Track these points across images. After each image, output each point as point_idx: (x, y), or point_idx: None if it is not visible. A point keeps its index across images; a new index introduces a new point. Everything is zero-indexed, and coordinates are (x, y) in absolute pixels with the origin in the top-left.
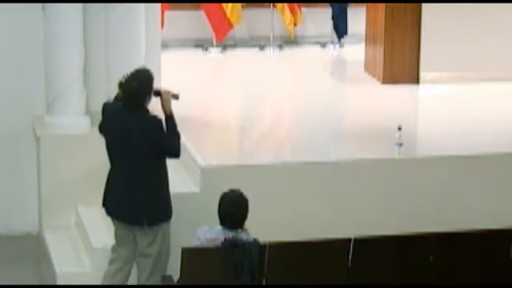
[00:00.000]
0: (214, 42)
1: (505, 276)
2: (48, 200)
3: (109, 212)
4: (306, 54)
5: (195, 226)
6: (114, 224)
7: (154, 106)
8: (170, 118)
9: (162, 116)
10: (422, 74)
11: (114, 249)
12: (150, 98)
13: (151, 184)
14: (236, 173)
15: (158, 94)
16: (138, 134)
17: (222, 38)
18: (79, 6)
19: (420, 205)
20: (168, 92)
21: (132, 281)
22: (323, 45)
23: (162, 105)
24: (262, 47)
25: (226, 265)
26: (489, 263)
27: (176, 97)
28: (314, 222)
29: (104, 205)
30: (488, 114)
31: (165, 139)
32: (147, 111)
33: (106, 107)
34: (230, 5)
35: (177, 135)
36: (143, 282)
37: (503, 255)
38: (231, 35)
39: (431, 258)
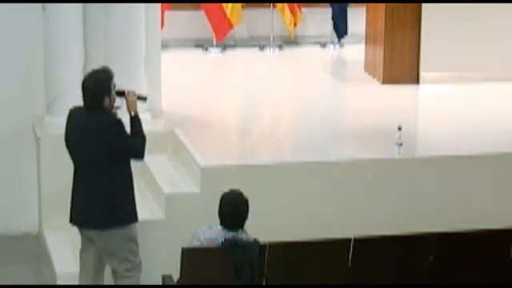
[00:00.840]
0: (214, 42)
1: (505, 276)
2: (48, 200)
3: (70, 218)
4: (306, 54)
5: (195, 225)
6: (81, 233)
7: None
8: (134, 119)
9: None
10: (422, 74)
11: (80, 255)
12: (109, 97)
13: (108, 187)
14: (236, 173)
15: (121, 94)
16: (94, 134)
17: (222, 37)
18: (79, 5)
19: (420, 205)
20: (133, 93)
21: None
22: (323, 45)
23: (127, 105)
24: (261, 47)
25: (226, 265)
26: (489, 263)
27: (143, 98)
28: (314, 221)
29: (70, 216)
30: (488, 114)
31: (125, 140)
32: (109, 112)
33: (69, 112)
34: (229, 5)
35: (141, 137)
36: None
37: (503, 255)
38: (231, 35)
39: (431, 258)
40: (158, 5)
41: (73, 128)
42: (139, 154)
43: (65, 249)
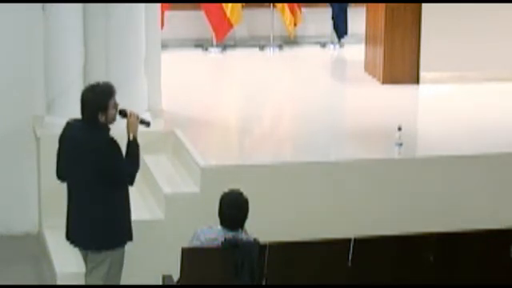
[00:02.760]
0: (214, 42)
1: (505, 276)
2: (48, 200)
3: (67, 236)
4: (306, 53)
5: (195, 225)
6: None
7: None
8: (132, 142)
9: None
10: (422, 74)
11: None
12: (105, 115)
13: (104, 208)
14: (236, 173)
15: (123, 114)
16: (87, 152)
17: (222, 37)
18: (79, 5)
19: (420, 205)
20: (136, 116)
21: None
22: (323, 45)
23: (127, 126)
24: (262, 47)
25: (226, 265)
26: (489, 263)
27: (147, 124)
28: (314, 222)
29: (66, 233)
30: (488, 114)
31: (116, 163)
32: (102, 128)
33: (68, 123)
34: (229, 5)
35: (135, 163)
36: None
37: (503, 255)
38: (231, 35)
39: (431, 258)
40: (158, 5)
41: (68, 140)
42: (128, 180)
43: (65, 249)
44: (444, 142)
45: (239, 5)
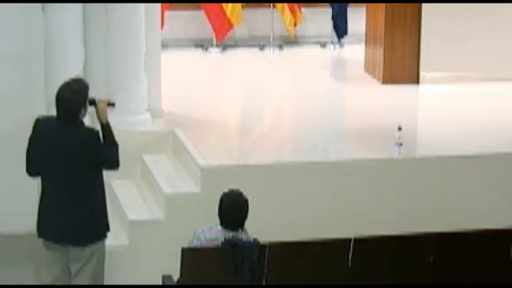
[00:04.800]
0: (214, 42)
1: (505, 276)
2: None
3: (45, 235)
4: (306, 53)
5: (195, 225)
6: (47, 247)
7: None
8: (106, 127)
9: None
10: (422, 74)
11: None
12: (85, 109)
13: (87, 201)
14: (236, 173)
15: (92, 102)
16: (74, 149)
17: (222, 37)
18: (79, 5)
19: (420, 205)
20: (103, 101)
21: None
22: (323, 45)
23: (97, 114)
24: (262, 47)
25: (226, 265)
26: (489, 263)
27: (112, 104)
28: (314, 221)
29: (38, 231)
30: (488, 113)
31: (102, 151)
32: (82, 123)
33: (38, 123)
34: (229, 5)
35: (114, 145)
36: None
37: (503, 255)
38: (231, 35)
39: (431, 258)
40: (158, 5)
41: (46, 144)
42: (115, 164)
43: None
44: (444, 142)
45: (239, 5)
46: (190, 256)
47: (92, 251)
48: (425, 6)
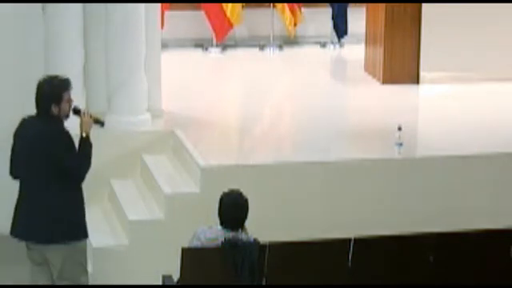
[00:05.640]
0: (214, 42)
1: (505, 276)
2: None
3: (15, 233)
4: (306, 53)
5: (195, 225)
6: (27, 247)
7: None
8: (84, 140)
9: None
10: (422, 74)
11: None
12: (58, 107)
13: (59, 200)
14: (236, 173)
15: (76, 112)
16: (39, 144)
17: (222, 37)
18: (79, 5)
19: (420, 205)
20: (89, 115)
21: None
22: (323, 45)
23: (80, 125)
24: (262, 47)
25: (226, 265)
26: (489, 263)
27: (101, 123)
28: (314, 221)
29: (12, 229)
30: (488, 113)
31: (67, 156)
32: (55, 122)
33: (22, 121)
34: (229, 5)
35: (86, 160)
36: None
37: (503, 255)
38: (231, 35)
39: (431, 257)
40: (158, 5)
41: (20, 136)
42: (78, 175)
43: None
44: (444, 142)
45: (239, 5)
46: (190, 256)
47: (64, 251)
48: (425, 6)
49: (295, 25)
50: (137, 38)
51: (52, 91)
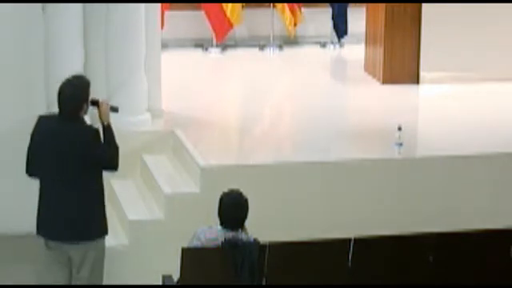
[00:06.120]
0: (214, 42)
1: (505, 276)
2: None
3: (41, 232)
4: (306, 53)
5: (195, 225)
6: (48, 246)
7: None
8: (107, 129)
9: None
10: (422, 74)
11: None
12: (86, 106)
13: (86, 199)
14: (236, 173)
15: (95, 103)
16: (73, 145)
17: (222, 37)
18: (79, 5)
19: (420, 205)
20: (107, 103)
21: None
22: (323, 45)
23: (100, 115)
24: (262, 47)
25: (225, 265)
26: (489, 263)
27: (115, 109)
28: (314, 221)
29: (37, 229)
30: (488, 114)
31: (102, 151)
32: (83, 121)
33: (39, 120)
34: (229, 5)
35: (115, 147)
36: None
37: (503, 255)
38: (231, 35)
39: (431, 258)
40: (158, 5)
41: (46, 140)
42: (114, 165)
43: None
44: (444, 142)
45: (239, 5)
46: (190, 256)
47: (86, 249)
48: (425, 6)
49: (295, 25)
50: (137, 38)
51: (80, 92)
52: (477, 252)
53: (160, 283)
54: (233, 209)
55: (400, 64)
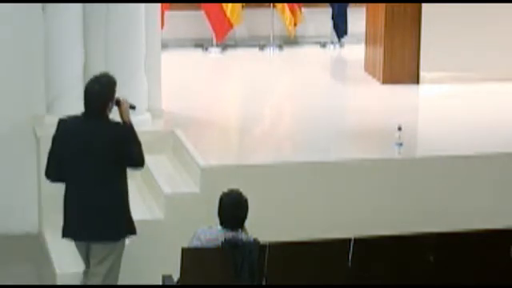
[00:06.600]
0: (214, 42)
1: (505, 276)
2: (48, 200)
3: (69, 233)
4: (306, 53)
5: (195, 226)
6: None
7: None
8: (130, 127)
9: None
10: (422, 74)
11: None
12: (112, 104)
13: (114, 196)
14: (236, 173)
15: (117, 103)
16: (103, 143)
17: (222, 37)
18: (79, 6)
19: (420, 205)
20: (126, 101)
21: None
22: (323, 45)
23: (121, 114)
24: (262, 47)
25: (226, 265)
26: (489, 263)
27: (133, 107)
28: (314, 221)
29: (63, 231)
30: (488, 114)
31: (129, 148)
32: (108, 119)
33: (61, 122)
34: (229, 5)
35: (138, 144)
36: None
37: (503, 255)
38: (231, 35)
39: (431, 257)
40: (158, 5)
41: (73, 140)
42: (141, 162)
43: (65, 249)
44: (444, 142)
45: (239, 5)
46: (190, 256)
47: (110, 249)
48: (425, 6)
49: (295, 25)
50: (137, 38)
51: (106, 90)
52: (477, 252)
53: (160, 283)
54: (233, 209)
55: (400, 64)
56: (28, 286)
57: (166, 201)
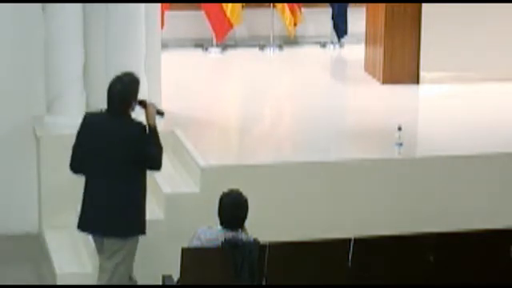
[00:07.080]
0: (214, 42)
1: (505, 276)
2: (48, 200)
3: (83, 227)
4: (306, 53)
5: (195, 225)
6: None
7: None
8: (153, 130)
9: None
10: (422, 74)
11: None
12: (135, 103)
13: (130, 194)
14: (236, 173)
15: (143, 104)
16: (122, 140)
17: (222, 37)
18: (79, 6)
19: (420, 205)
20: (153, 105)
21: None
22: (323, 45)
23: (147, 116)
24: (262, 47)
25: (226, 265)
26: (489, 263)
27: (161, 113)
28: (314, 221)
29: (78, 223)
30: (488, 114)
31: (149, 148)
32: (130, 117)
33: (87, 117)
34: (229, 5)
35: (160, 148)
36: None
37: (503, 255)
38: (231, 35)
39: (431, 257)
40: (158, 5)
41: (95, 136)
42: (158, 165)
43: (65, 249)
44: (444, 142)
45: (239, 5)
46: (190, 256)
47: (122, 244)
48: (425, 6)
49: (295, 25)
50: (137, 38)
51: (129, 89)
52: (477, 252)
53: (160, 283)
54: (233, 209)
55: (400, 64)
56: (28, 286)
57: (166, 201)
